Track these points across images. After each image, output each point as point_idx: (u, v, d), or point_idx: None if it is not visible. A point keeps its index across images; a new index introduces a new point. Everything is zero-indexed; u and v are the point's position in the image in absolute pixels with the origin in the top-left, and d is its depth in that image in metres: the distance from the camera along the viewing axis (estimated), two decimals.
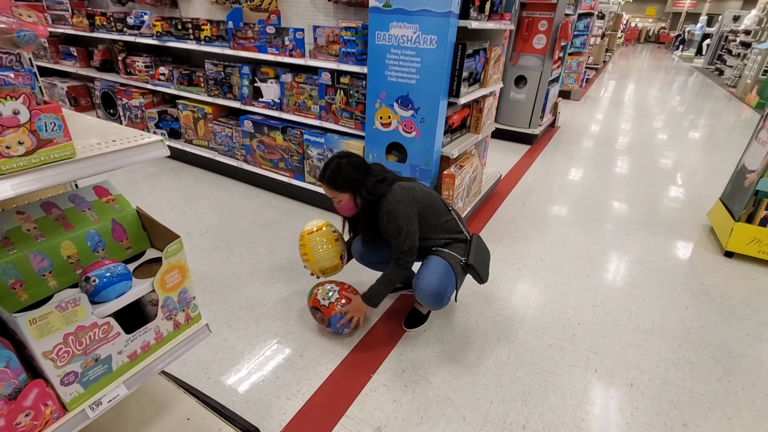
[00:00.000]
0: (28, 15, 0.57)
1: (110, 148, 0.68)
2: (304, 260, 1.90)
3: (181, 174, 3.59)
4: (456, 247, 1.79)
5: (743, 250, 2.62)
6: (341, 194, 1.66)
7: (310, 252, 1.85)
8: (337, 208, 1.74)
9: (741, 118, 7.29)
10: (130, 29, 3.63)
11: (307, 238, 1.86)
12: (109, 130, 0.78)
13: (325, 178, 1.65)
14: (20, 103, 0.55)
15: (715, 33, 14.60)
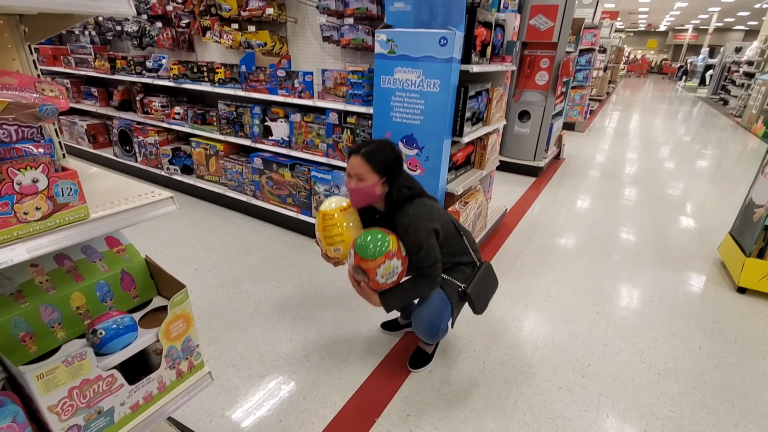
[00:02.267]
0: (50, 90, 0.62)
1: (122, 206, 0.72)
2: (336, 241, 1.59)
3: (193, 208, 3.67)
4: (459, 271, 1.76)
5: (756, 286, 2.56)
6: (371, 175, 1.51)
7: (346, 231, 1.57)
8: (352, 190, 1.56)
9: (748, 148, 7.29)
10: (149, 72, 3.82)
11: (342, 216, 1.58)
12: (122, 186, 0.82)
13: (363, 150, 1.50)
14: (39, 172, 0.59)
15: (717, 64, 14.82)
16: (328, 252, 1.62)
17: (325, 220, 1.58)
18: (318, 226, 1.61)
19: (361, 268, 1.49)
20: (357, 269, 1.52)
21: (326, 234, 1.58)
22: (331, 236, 1.58)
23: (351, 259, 1.52)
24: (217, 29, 3.22)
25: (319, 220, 1.60)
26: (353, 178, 1.53)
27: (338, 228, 1.57)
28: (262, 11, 2.94)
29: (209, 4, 3.21)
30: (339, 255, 1.62)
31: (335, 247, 1.60)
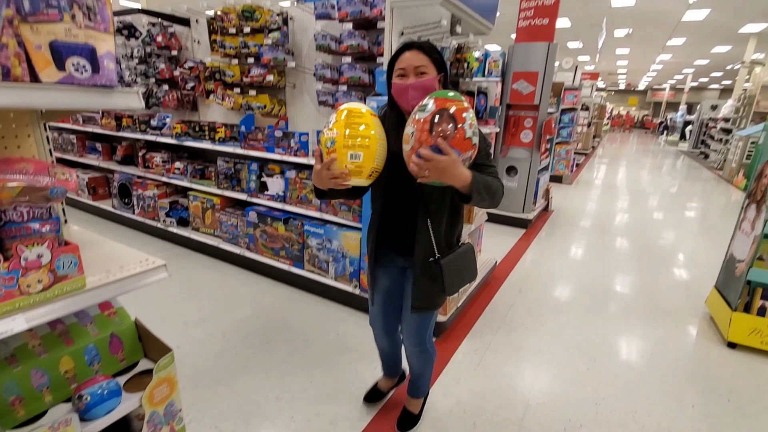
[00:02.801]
0: (62, 173, 0.70)
1: (117, 276, 0.77)
2: (358, 144, 1.18)
3: (186, 260, 3.70)
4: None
5: (745, 341, 2.57)
6: (431, 68, 1.31)
7: (373, 137, 1.19)
8: (413, 85, 1.28)
9: (732, 200, 7.52)
10: (153, 129, 4.01)
11: (371, 119, 1.22)
12: (118, 253, 0.88)
13: (419, 44, 1.31)
14: (45, 248, 0.65)
15: (696, 120, 15.63)
16: (341, 160, 1.18)
17: (350, 117, 1.19)
18: (335, 124, 1.19)
19: (447, 112, 1.08)
20: (440, 117, 1.09)
21: (350, 134, 1.17)
22: (354, 136, 1.17)
23: (424, 113, 1.11)
24: (220, 93, 3.44)
25: (339, 115, 1.20)
26: (411, 74, 1.29)
27: (365, 129, 1.19)
28: (263, 78, 3.17)
29: (214, 71, 3.46)
30: (355, 165, 1.19)
31: (354, 152, 1.18)
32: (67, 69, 0.69)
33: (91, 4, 0.72)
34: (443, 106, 1.09)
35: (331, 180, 1.19)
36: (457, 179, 1.14)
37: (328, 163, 1.17)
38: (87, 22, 0.72)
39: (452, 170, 1.11)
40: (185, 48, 3.94)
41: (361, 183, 1.25)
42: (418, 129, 1.10)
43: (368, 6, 2.59)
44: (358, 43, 2.65)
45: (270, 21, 3.03)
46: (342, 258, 2.82)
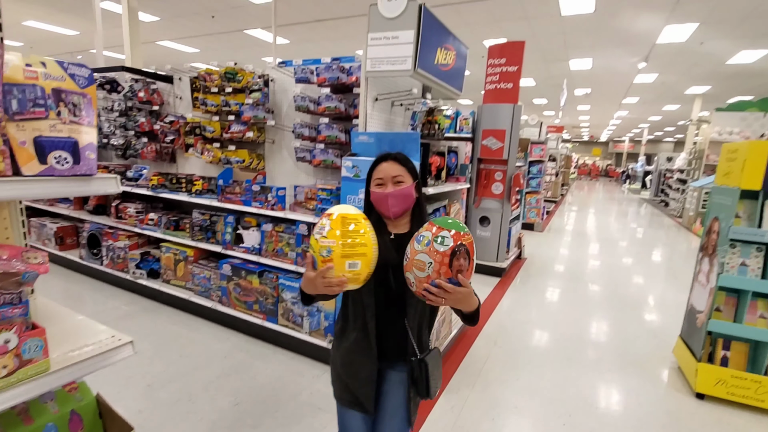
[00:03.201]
0: (35, 257, 0.72)
1: (82, 356, 0.77)
2: (357, 253, 1.17)
3: (154, 314, 3.56)
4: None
5: (712, 391, 2.64)
6: (407, 177, 1.37)
7: (371, 245, 1.19)
8: (393, 194, 1.34)
9: (692, 246, 7.92)
10: (129, 180, 4.00)
11: (367, 225, 1.21)
12: (84, 329, 0.88)
13: (393, 155, 1.39)
14: (12, 333, 0.65)
15: (654, 171, 16.71)
16: (338, 269, 1.15)
17: (345, 224, 1.16)
18: (330, 233, 1.15)
19: (465, 248, 1.14)
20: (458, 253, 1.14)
21: (348, 243, 1.14)
22: (353, 245, 1.15)
23: (443, 246, 1.14)
24: (200, 146, 3.51)
25: (335, 223, 1.16)
26: (389, 183, 1.35)
27: (363, 235, 1.17)
28: (242, 134, 3.27)
29: (194, 125, 3.55)
30: (353, 274, 1.16)
31: (353, 261, 1.15)
32: (49, 162, 0.73)
33: (76, 101, 0.78)
34: (459, 240, 1.15)
35: (326, 287, 1.16)
36: (469, 306, 1.22)
37: (324, 271, 1.13)
38: (72, 118, 0.77)
39: (468, 300, 1.19)
40: (167, 103, 4.05)
41: (355, 287, 1.23)
42: (437, 261, 1.14)
43: (345, 73, 2.78)
44: (335, 106, 2.81)
45: (252, 82, 3.19)
46: (317, 312, 2.79)
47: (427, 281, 1.15)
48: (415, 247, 1.18)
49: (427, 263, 1.15)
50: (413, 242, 1.20)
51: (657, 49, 8.57)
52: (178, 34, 9.95)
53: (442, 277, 1.13)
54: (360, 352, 1.37)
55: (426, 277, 1.15)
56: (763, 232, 2.48)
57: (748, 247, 2.58)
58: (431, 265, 1.14)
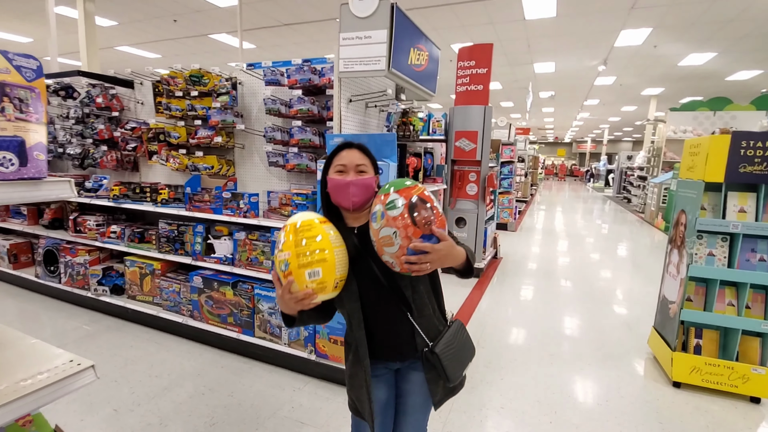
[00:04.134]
0: None
1: (36, 385, 0.66)
2: (314, 260, 1.10)
3: (119, 333, 3.33)
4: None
5: (688, 379, 2.71)
6: (370, 168, 1.30)
7: (329, 247, 1.11)
8: (355, 183, 1.24)
9: (655, 240, 8.28)
10: (87, 192, 3.75)
11: (322, 227, 1.14)
12: (39, 353, 0.77)
13: (356, 143, 1.31)
14: None
15: (616, 169, 17.45)
16: (300, 281, 1.09)
17: (298, 233, 1.10)
18: (285, 245, 1.10)
19: (419, 199, 1.07)
20: (416, 207, 1.06)
21: (301, 251, 1.08)
22: (307, 253, 1.08)
23: (397, 209, 1.06)
24: (164, 154, 3.34)
25: (288, 235, 1.11)
26: (351, 171, 1.26)
27: (319, 241, 1.10)
28: (210, 139, 3.13)
29: (158, 132, 3.37)
30: (316, 283, 1.09)
31: (312, 270, 1.08)
32: None
33: (23, 95, 0.68)
34: (410, 195, 1.08)
35: (297, 303, 1.10)
36: (457, 259, 1.14)
37: (287, 286, 1.08)
38: (18, 114, 0.67)
39: (452, 252, 1.11)
40: (127, 109, 3.84)
41: (330, 296, 1.16)
42: (401, 226, 1.05)
43: (317, 75, 2.71)
44: (308, 108, 2.73)
45: (219, 85, 3.06)
46: None
47: (403, 253, 1.07)
48: (374, 227, 1.13)
49: (392, 234, 1.07)
50: (370, 224, 1.15)
51: (615, 52, 8.96)
52: (139, 39, 9.56)
53: (414, 239, 1.05)
54: (357, 364, 1.31)
55: (399, 250, 1.07)
56: (727, 222, 2.58)
57: (713, 237, 2.68)
58: (396, 233, 1.06)
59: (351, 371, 1.34)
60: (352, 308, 1.27)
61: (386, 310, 1.28)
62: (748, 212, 2.61)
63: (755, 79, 10.96)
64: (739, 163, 2.53)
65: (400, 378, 1.40)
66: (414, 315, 1.27)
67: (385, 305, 1.28)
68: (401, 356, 1.33)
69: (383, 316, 1.29)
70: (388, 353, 1.32)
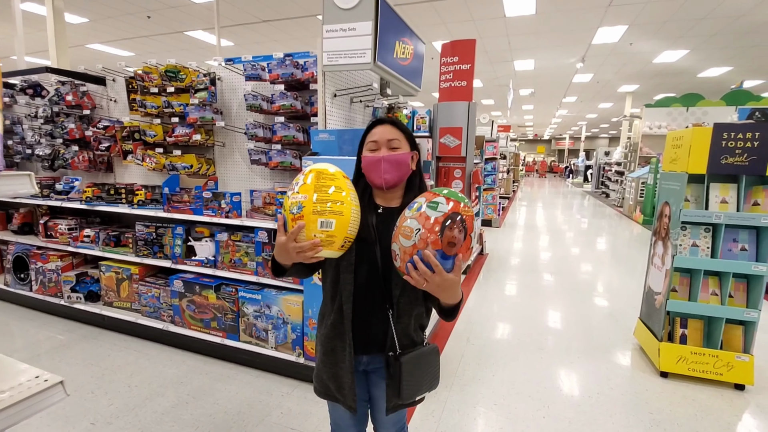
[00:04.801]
0: None
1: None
2: (331, 211, 1.03)
3: (96, 342, 3.17)
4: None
5: (675, 369, 2.75)
6: (405, 143, 1.24)
7: (349, 204, 1.07)
8: (388, 159, 1.18)
9: (634, 233, 8.47)
10: (58, 194, 3.57)
11: (345, 182, 1.10)
12: (4, 371, 0.68)
13: (397, 120, 1.27)
14: None
15: (594, 165, 17.82)
16: (309, 228, 1.02)
17: (320, 179, 1.05)
18: (304, 187, 1.04)
19: (461, 217, 0.99)
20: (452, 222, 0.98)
21: (320, 198, 1.03)
22: (325, 200, 1.03)
23: (435, 212, 1.00)
24: (140, 153, 3.20)
25: (308, 177, 1.06)
26: (384, 147, 1.20)
27: (338, 192, 1.05)
28: (188, 137, 3.01)
29: (133, 130, 3.23)
30: (326, 235, 1.03)
31: (326, 219, 1.02)
32: None
33: None
34: (458, 209, 1.00)
35: (299, 254, 1.03)
36: (451, 297, 1.07)
37: (296, 231, 1.01)
38: None
39: (452, 289, 1.03)
40: (99, 107, 3.67)
41: (332, 255, 1.08)
42: (426, 228, 0.98)
43: (299, 69, 2.63)
44: (291, 104, 2.64)
45: (196, 81, 2.94)
46: (283, 324, 2.60)
47: (412, 252, 1.00)
48: (406, 213, 1.06)
49: (415, 230, 1.00)
50: (405, 210, 1.09)
51: (592, 49, 9.11)
52: (111, 36, 9.22)
53: (430, 247, 0.98)
54: (337, 338, 1.22)
55: (411, 247, 1.00)
56: (710, 213, 2.62)
57: (697, 228, 2.72)
58: (419, 231, 0.99)
59: (329, 345, 1.24)
60: (345, 279, 1.20)
61: (371, 298, 1.22)
62: (730, 203, 2.66)
63: (725, 75, 11.34)
64: (721, 154, 2.57)
65: (371, 383, 1.34)
66: (393, 315, 1.21)
67: (371, 293, 1.21)
68: (368, 349, 1.25)
69: (366, 302, 1.22)
70: (357, 340, 1.23)
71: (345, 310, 1.20)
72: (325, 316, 1.28)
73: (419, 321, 1.29)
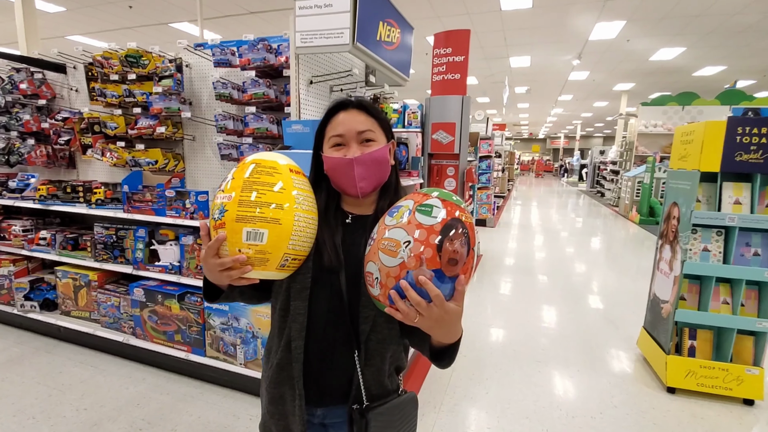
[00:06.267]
0: None
1: None
2: (262, 216, 0.76)
3: (49, 356, 2.88)
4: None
5: (683, 384, 2.52)
6: (381, 135, 0.94)
7: (292, 208, 0.79)
8: (357, 160, 0.88)
9: (630, 233, 8.29)
10: (11, 192, 3.26)
11: (290, 178, 0.82)
12: None
13: (366, 102, 0.94)
14: None
15: (589, 164, 17.69)
16: (232, 240, 0.76)
17: (255, 173, 0.78)
18: (231, 184, 0.78)
19: (462, 225, 0.74)
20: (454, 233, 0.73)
21: (247, 200, 0.76)
22: (255, 204, 0.75)
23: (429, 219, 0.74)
24: (99, 147, 2.90)
25: (239, 173, 0.79)
26: (353, 143, 0.90)
27: (278, 193, 0.78)
28: (152, 130, 2.72)
29: (92, 122, 2.93)
30: (255, 250, 0.76)
31: (254, 229, 0.75)
32: None
33: None
34: (454, 213, 0.75)
35: (222, 272, 0.77)
36: (449, 335, 0.78)
37: (215, 245, 0.76)
38: None
39: (453, 324, 0.75)
40: (59, 97, 3.36)
41: (268, 276, 0.81)
42: (420, 240, 0.72)
43: (273, 53, 2.35)
44: (264, 92, 2.37)
45: (160, 68, 2.66)
46: (252, 339, 2.33)
47: (399, 274, 0.72)
48: (385, 221, 0.79)
49: (403, 243, 0.73)
50: (384, 218, 0.81)
51: (589, 46, 8.91)
52: (91, 27, 8.85)
53: (424, 267, 0.71)
54: (284, 383, 0.93)
55: (398, 267, 0.73)
56: (723, 215, 2.40)
57: (708, 231, 2.50)
58: (408, 245, 0.73)
59: (276, 392, 0.95)
60: (297, 308, 0.91)
61: (331, 334, 0.92)
62: (744, 204, 2.43)
63: (719, 74, 11.22)
64: (736, 151, 2.34)
65: None
66: (360, 358, 0.91)
67: (332, 328, 0.92)
68: (324, 400, 0.95)
69: (324, 340, 0.92)
70: (311, 389, 0.93)
71: (294, 348, 0.92)
72: (272, 354, 0.99)
73: (395, 363, 1.00)
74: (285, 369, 0.94)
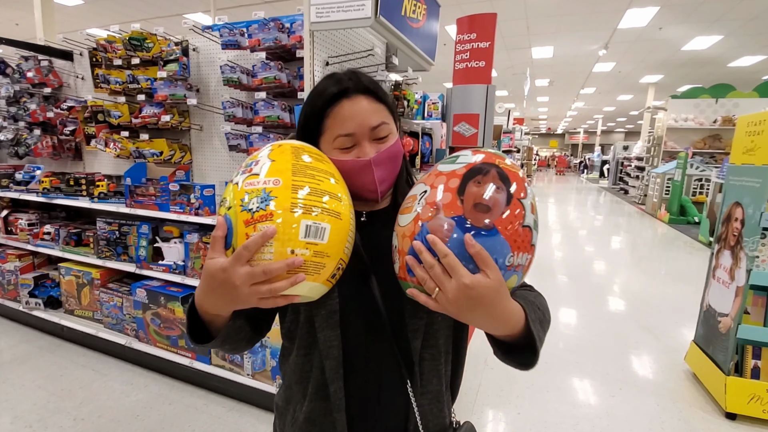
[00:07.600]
0: None
1: None
2: (324, 216, 0.56)
3: (52, 357, 2.74)
4: None
5: (745, 410, 2.22)
6: (392, 121, 0.75)
7: (349, 204, 0.63)
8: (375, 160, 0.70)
9: (659, 233, 7.85)
10: (17, 185, 3.13)
11: (334, 169, 0.65)
12: None
13: (370, 84, 0.73)
14: None
15: (612, 160, 17.07)
16: (285, 237, 0.53)
17: (301, 155, 0.61)
18: (274, 167, 0.58)
19: (497, 168, 0.57)
20: (483, 175, 0.56)
21: (304, 183, 0.57)
22: (318, 192, 0.58)
23: (452, 165, 0.60)
24: (103, 137, 2.73)
25: (280, 155, 0.60)
26: (365, 141, 0.70)
27: (335, 185, 0.61)
28: (157, 118, 2.53)
29: (96, 110, 2.76)
30: (312, 252, 0.55)
31: (315, 223, 0.55)
32: None
33: None
34: (491, 160, 0.58)
35: (255, 286, 0.52)
36: (500, 324, 0.57)
37: (255, 245, 0.51)
38: None
39: (493, 306, 0.54)
40: (67, 85, 3.21)
41: (310, 295, 0.59)
42: (437, 186, 0.57)
43: (285, 33, 2.12)
44: (275, 76, 2.14)
45: (165, 51, 2.46)
46: (261, 348, 2.13)
47: (413, 232, 0.56)
48: (407, 198, 0.64)
49: (419, 194, 0.60)
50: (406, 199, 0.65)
51: (618, 35, 8.43)
52: (108, 19, 8.78)
53: (441, 214, 0.54)
54: None
55: (412, 223, 0.57)
56: None
57: None
58: (424, 194, 0.58)
59: None
60: (328, 338, 0.69)
61: (374, 364, 0.71)
62: None
63: (757, 65, 10.57)
64: None
65: None
66: (415, 385, 0.70)
67: (375, 354, 0.71)
68: None
69: (366, 372, 0.71)
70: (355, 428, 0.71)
71: (333, 393, 0.69)
72: (293, 405, 0.75)
73: (455, 381, 0.80)
74: (318, 423, 0.71)
